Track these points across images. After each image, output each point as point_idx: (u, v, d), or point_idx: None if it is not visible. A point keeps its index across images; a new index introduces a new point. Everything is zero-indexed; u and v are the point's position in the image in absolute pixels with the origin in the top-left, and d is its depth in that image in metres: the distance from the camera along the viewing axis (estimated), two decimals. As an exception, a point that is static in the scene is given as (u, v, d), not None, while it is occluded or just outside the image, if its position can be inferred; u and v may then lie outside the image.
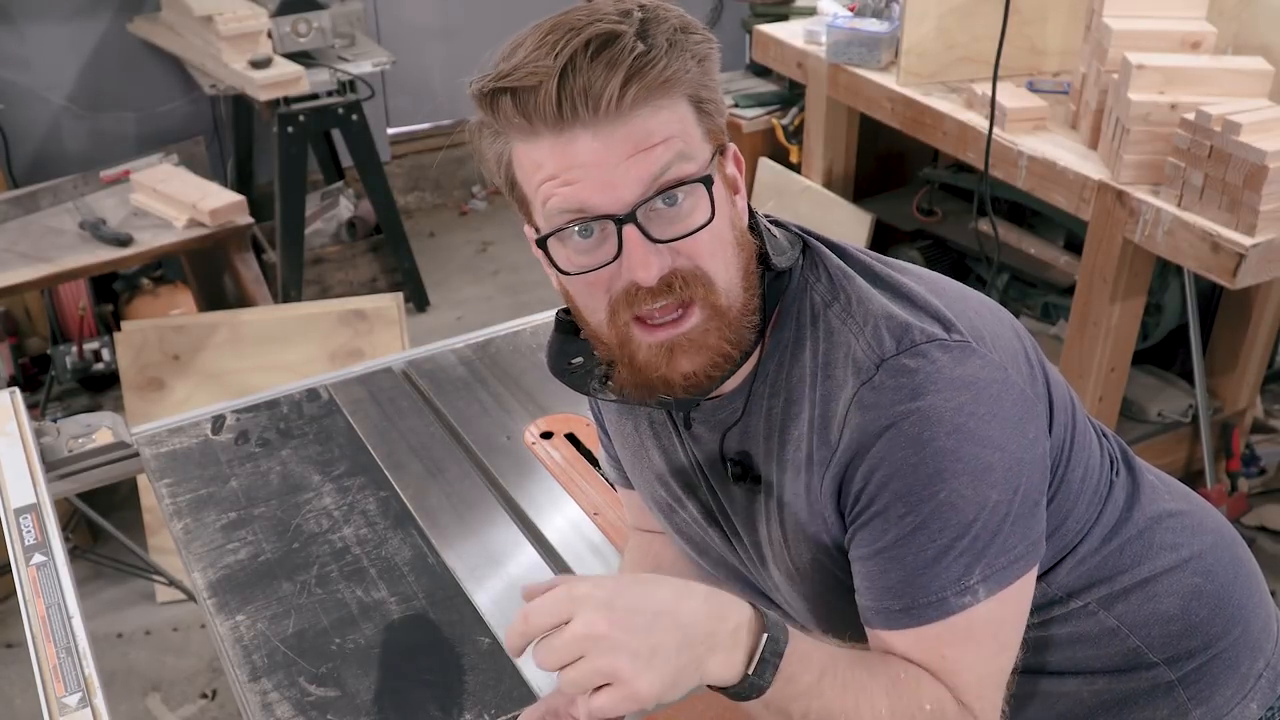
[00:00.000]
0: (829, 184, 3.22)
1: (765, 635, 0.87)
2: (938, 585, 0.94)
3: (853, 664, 0.93)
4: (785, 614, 1.14)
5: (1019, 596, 0.98)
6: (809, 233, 1.07)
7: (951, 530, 0.93)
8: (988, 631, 0.96)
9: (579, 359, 1.07)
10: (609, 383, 1.03)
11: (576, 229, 0.92)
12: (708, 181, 0.92)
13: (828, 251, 1.05)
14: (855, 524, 0.98)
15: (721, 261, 0.95)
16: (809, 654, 0.90)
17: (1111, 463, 1.16)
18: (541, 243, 0.95)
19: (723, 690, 0.89)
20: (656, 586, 0.86)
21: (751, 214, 1.02)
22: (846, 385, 0.96)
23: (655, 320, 0.94)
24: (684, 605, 0.86)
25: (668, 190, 0.91)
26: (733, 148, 1.00)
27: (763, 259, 1.00)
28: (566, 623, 0.83)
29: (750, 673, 0.86)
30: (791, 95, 3.50)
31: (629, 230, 0.90)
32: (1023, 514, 0.96)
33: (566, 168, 0.90)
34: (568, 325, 1.06)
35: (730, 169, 0.99)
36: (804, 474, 1.00)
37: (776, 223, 1.07)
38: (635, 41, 0.88)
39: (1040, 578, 1.07)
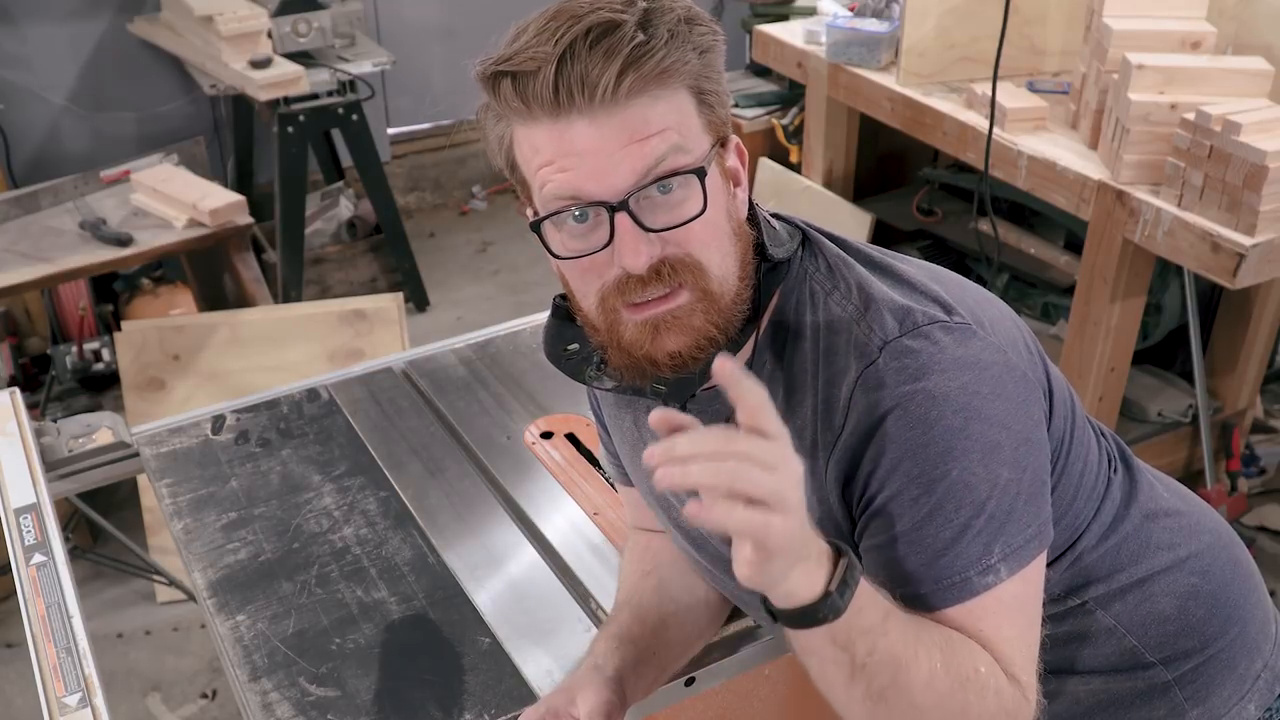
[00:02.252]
0: (829, 184, 3.22)
1: (845, 559, 0.85)
2: (960, 565, 0.94)
3: (909, 617, 0.92)
4: None
5: (1036, 574, 0.98)
6: (810, 225, 1.07)
7: (967, 510, 0.93)
8: (1015, 607, 0.96)
9: (575, 345, 1.08)
10: (604, 371, 1.03)
11: (571, 214, 0.93)
12: (701, 174, 0.92)
13: (827, 241, 1.05)
14: (867, 511, 0.98)
15: (716, 250, 0.95)
16: (875, 593, 0.89)
17: (1109, 461, 1.16)
18: (536, 226, 0.96)
19: (792, 612, 0.84)
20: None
21: (751, 206, 1.03)
22: (850, 369, 0.97)
23: (642, 299, 0.94)
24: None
25: (661, 180, 0.91)
26: (735, 140, 1.00)
27: (760, 250, 1.01)
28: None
29: (833, 589, 0.83)
30: (791, 95, 3.50)
31: (621, 218, 0.91)
32: (1033, 493, 0.96)
33: (563, 154, 0.91)
34: (564, 311, 1.07)
35: (731, 160, 1.00)
36: (808, 460, 1.00)
37: (778, 216, 1.08)
38: (635, 31, 0.89)
39: None
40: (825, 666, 0.88)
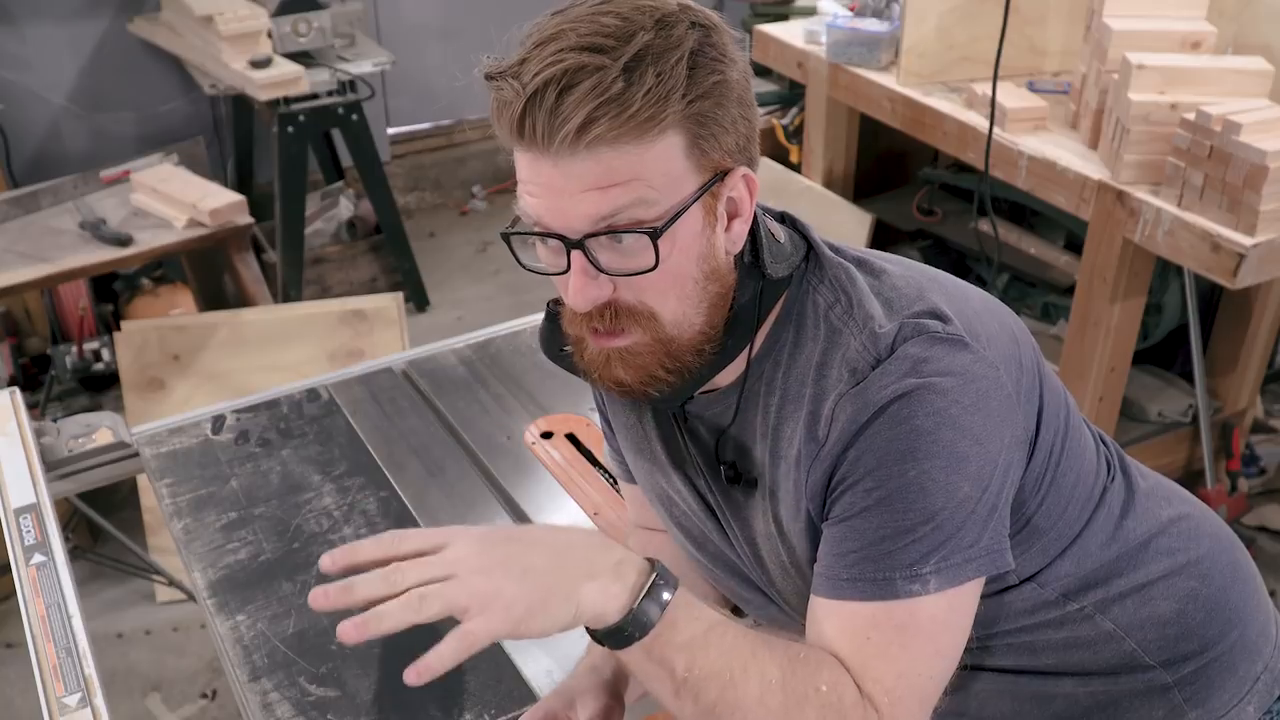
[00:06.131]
0: (829, 184, 3.22)
1: (654, 574, 0.87)
2: (888, 565, 0.93)
3: (748, 632, 0.92)
4: (783, 611, 1.14)
5: (966, 603, 0.96)
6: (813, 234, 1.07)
7: (915, 513, 0.93)
8: (927, 630, 0.94)
9: (569, 347, 1.08)
10: None
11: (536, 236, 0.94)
12: (655, 234, 0.90)
13: (830, 253, 1.05)
14: (830, 500, 0.98)
15: (674, 296, 0.95)
16: (697, 606, 0.89)
17: (1108, 468, 1.16)
18: (506, 236, 0.97)
19: (603, 633, 0.87)
20: (531, 527, 0.89)
21: (755, 222, 1.02)
22: (840, 384, 0.97)
23: (595, 327, 0.96)
24: (559, 535, 0.88)
25: (614, 233, 0.90)
26: (743, 170, 0.97)
27: (758, 266, 1.00)
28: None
29: (636, 605, 0.85)
30: (791, 95, 3.51)
31: (576, 255, 0.92)
32: (987, 515, 0.95)
33: (532, 180, 0.92)
34: (557, 315, 1.07)
35: (738, 191, 0.97)
36: (794, 471, 1.00)
37: (785, 220, 1.07)
38: (615, 80, 0.86)
39: (1034, 579, 1.07)
40: (650, 683, 0.90)
